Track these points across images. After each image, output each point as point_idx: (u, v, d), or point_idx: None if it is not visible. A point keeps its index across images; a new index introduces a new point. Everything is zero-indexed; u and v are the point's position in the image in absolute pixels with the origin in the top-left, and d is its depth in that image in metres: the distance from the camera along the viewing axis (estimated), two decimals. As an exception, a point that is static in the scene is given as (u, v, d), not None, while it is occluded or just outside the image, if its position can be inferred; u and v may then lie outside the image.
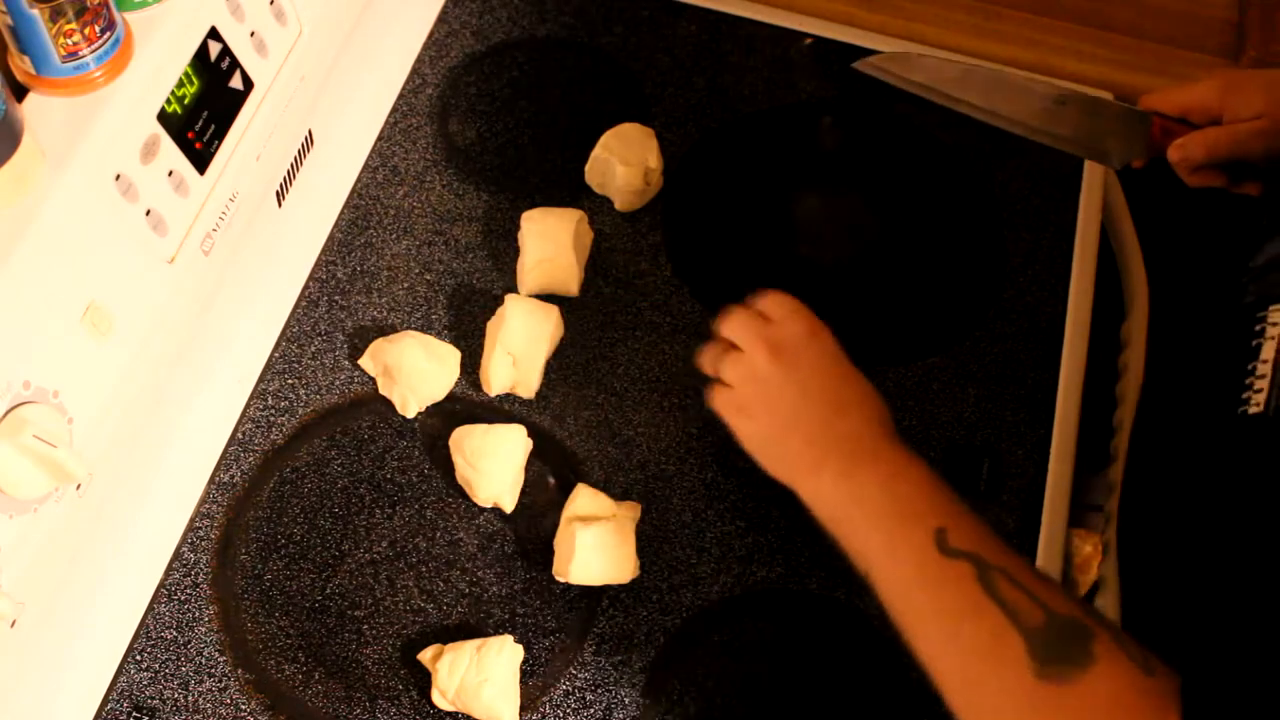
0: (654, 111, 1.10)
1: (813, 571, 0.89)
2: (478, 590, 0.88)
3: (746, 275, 1.02)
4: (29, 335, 0.71)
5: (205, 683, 0.84)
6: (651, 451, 0.93)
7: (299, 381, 0.96)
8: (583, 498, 0.88)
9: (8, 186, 0.71)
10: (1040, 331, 0.99)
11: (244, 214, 0.90)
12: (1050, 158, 1.09)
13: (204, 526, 0.89)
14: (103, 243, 0.76)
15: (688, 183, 1.06)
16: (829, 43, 1.14)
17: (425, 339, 0.94)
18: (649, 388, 0.96)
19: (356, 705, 0.84)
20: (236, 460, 0.92)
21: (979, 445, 0.94)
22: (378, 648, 0.86)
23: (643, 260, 1.02)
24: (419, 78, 1.11)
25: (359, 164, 1.06)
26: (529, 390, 0.95)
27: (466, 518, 0.90)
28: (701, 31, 1.15)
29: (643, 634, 0.86)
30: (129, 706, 0.83)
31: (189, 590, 0.87)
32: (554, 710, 0.84)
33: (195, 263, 0.84)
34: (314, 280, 1.00)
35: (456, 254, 1.02)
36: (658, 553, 0.89)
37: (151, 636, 0.85)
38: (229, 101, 0.86)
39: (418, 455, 0.93)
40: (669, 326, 0.99)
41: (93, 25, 0.75)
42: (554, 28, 1.15)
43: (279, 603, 0.87)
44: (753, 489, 0.92)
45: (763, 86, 1.12)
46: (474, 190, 1.05)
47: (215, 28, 0.84)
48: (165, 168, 0.81)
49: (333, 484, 0.91)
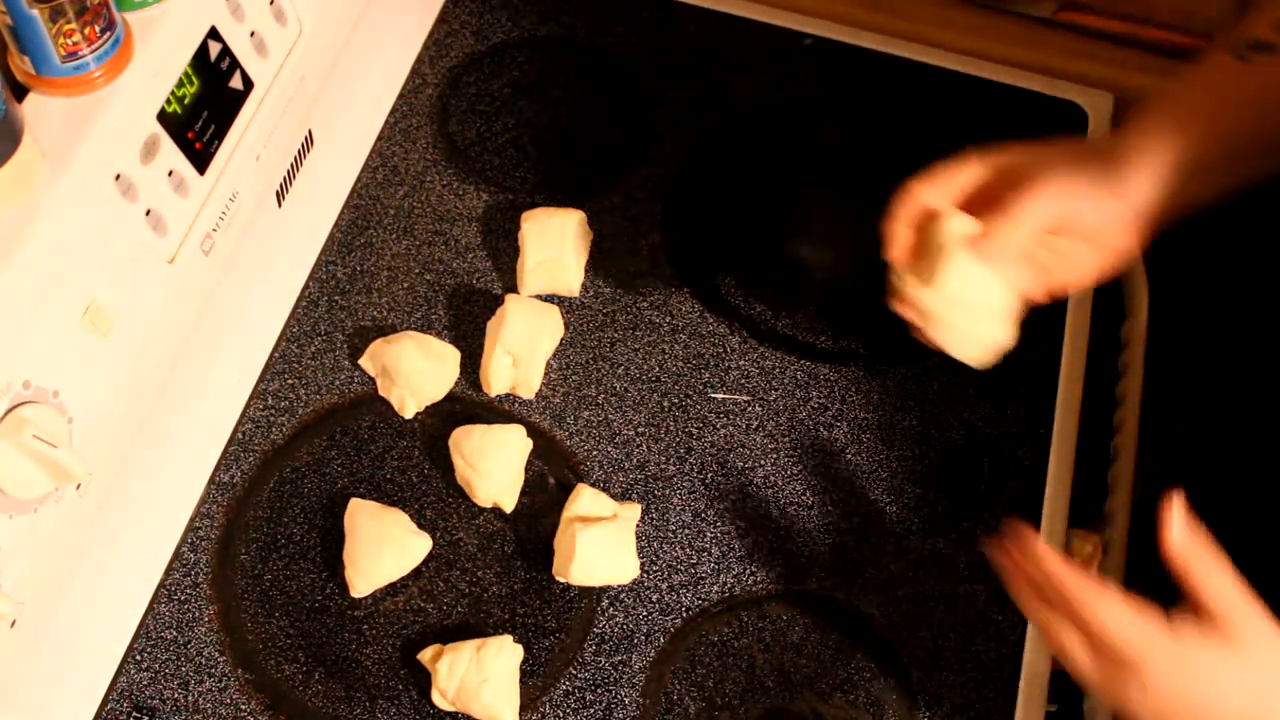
0: (654, 111, 1.10)
1: (813, 571, 0.89)
2: (478, 590, 0.88)
3: (747, 275, 1.02)
4: (29, 335, 0.71)
5: (205, 683, 0.84)
6: (651, 451, 0.93)
7: (299, 381, 0.96)
8: (583, 498, 0.88)
9: (8, 186, 0.71)
10: (1040, 332, 0.99)
11: (244, 214, 0.90)
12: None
13: (204, 526, 0.89)
14: (103, 243, 0.76)
15: (688, 183, 1.06)
16: (829, 43, 1.14)
17: (424, 339, 0.94)
18: (649, 388, 0.96)
19: (356, 705, 0.84)
20: (236, 460, 0.92)
21: (979, 445, 0.94)
22: (378, 648, 0.86)
23: (643, 260, 1.02)
24: (419, 78, 1.11)
25: (359, 164, 1.06)
26: (529, 390, 0.95)
27: (466, 518, 0.90)
28: (701, 31, 1.15)
29: (643, 634, 0.86)
30: (129, 706, 0.83)
31: (189, 590, 0.87)
32: (554, 710, 0.84)
33: (195, 263, 0.84)
34: (314, 280, 1.00)
35: (456, 254, 1.02)
36: (658, 553, 0.89)
37: (151, 636, 0.85)
38: (229, 101, 0.86)
39: (418, 455, 0.93)
40: (669, 326, 0.99)
41: (93, 25, 0.75)
42: (554, 28, 1.15)
43: (279, 603, 0.87)
44: (753, 489, 0.92)
45: (763, 86, 1.12)
46: (474, 190, 1.05)
47: (215, 28, 0.84)
48: (165, 168, 0.81)
49: (333, 484, 0.91)
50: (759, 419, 0.95)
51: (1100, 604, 0.63)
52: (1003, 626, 0.87)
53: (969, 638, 0.87)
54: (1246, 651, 0.62)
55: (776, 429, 0.94)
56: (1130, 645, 0.63)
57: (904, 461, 0.93)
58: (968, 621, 0.87)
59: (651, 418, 0.95)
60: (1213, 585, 0.63)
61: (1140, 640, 0.63)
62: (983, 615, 0.88)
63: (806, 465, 0.93)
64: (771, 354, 0.98)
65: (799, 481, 0.92)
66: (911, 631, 0.87)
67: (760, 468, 0.93)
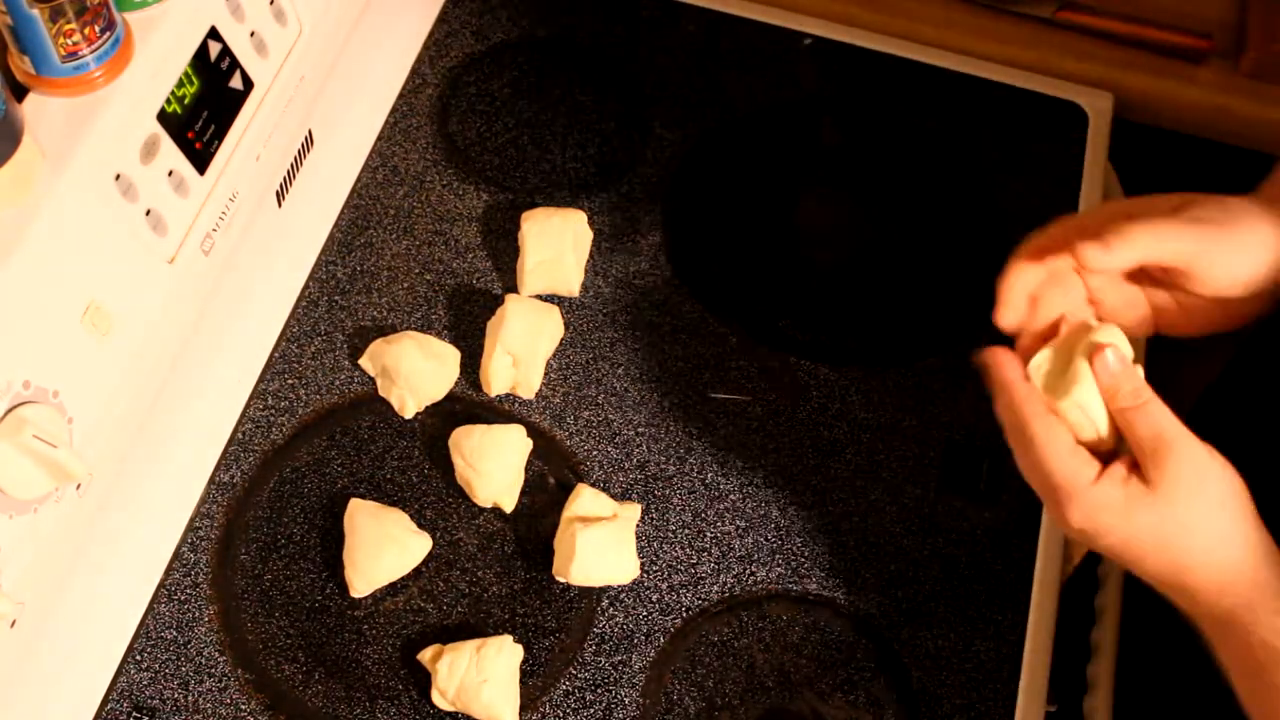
0: (654, 111, 1.10)
1: (812, 571, 0.89)
2: (478, 590, 0.88)
3: (747, 275, 1.02)
4: (29, 335, 0.71)
5: (205, 683, 0.84)
6: (651, 451, 0.93)
7: (299, 381, 0.96)
8: (583, 498, 0.88)
9: (8, 186, 0.71)
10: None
11: (244, 214, 0.90)
12: (1050, 158, 1.09)
13: (204, 526, 0.89)
14: (103, 243, 0.76)
15: (688, 183, 1.06)
16: (829, 43, 1.14)
17: (424, 339, 0.94)
18: (649, 388, 0.96)
19: (356, 705, 0.84)
20: (236, 460, 0.92)
21: (979, 445, 0.94)
22: (378, 648, 0.86)
23: (643, 260, 1.02)
24: (419, 78, 1.11)
25: (359, 164, 1.06)
26: (529, 390, 0.95)
27: (466, 518, 0.90)
28: (701, 31, 1.15)
29: (643, 634, 0.86)
30: (129, 706, 0.83)
31: (189, 590, 0.87)
32: (554, 710, 0.84)
33: (195, 263, 0.84)
34: (314, 280, 1.00)
35: (456, 254, 1.02)
36: (658, 553, 0.89)
37: (151, 636, 0.85)
38: (229, 101, 0.86)
39: (418, 455, 0.93)
40: (669, 326, 0.99)
41: (93, 25, 0.75)
42: (554, 28, 1.15)
43: (279, 603, 0.87)
44: (753, 489, 0.92)
45: (763, 86, 1.12)
46: (474, 190, 1.05)
47: (215, 28, 0.84)
48: (165, 168, 0.81)
49: (333, 484, 0.91)
50: (759, 419, 0.95)
51: (1042, 428, 0.67)
52: (1003, 626, 0.87)
53: (969, 638, 0.87)
54: (1168, 499, 0.65)
55: (776, 429, 0.94)
56: (1060, 476, 0.66)
57: (904, 461, 0.93)
58: (968, 621, 0.87)
59: (651, 418, 0.95)
60: (1144, 426, 0.66)
61: (1069, 474, 0.66)
62: (983, 615, 0.88)
63: (806, 465, 0.93)
64: (771, 354, 0.98)
65: (799, 481, 0.92)
66: (911, 631, 0.87)
67: (760, 468, 0.93)
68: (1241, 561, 0.65)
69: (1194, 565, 0.65)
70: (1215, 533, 0.65)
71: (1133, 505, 0.65)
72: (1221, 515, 0.65)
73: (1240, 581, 0.65)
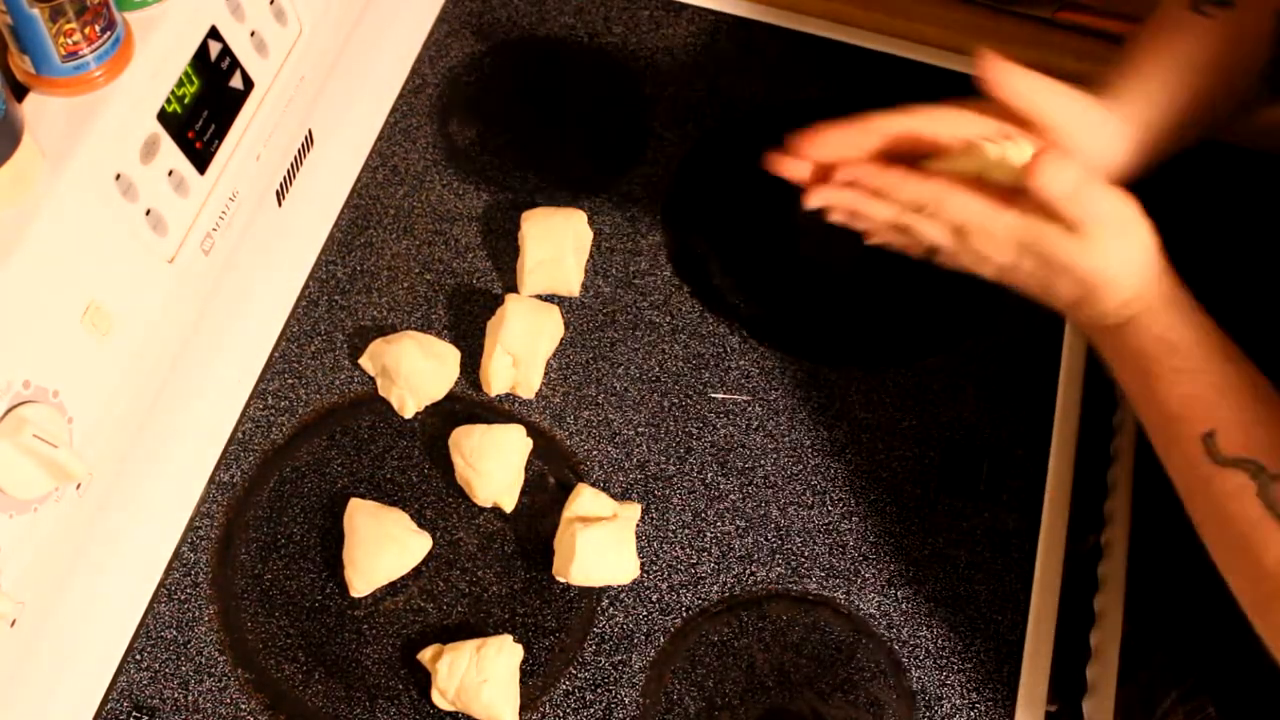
0: (654, 111, 1.10)
1: (812, 571, 0.89)
2: (478, 590, 0.88)
3: (747, 275, 1.02)
4: (29, 335, 0.71)
5: (205, 683, 0.84)
6: (651, 451, 0.93)
7: (299, 381, 0.96)
8: (583, 498, 0.88)
9: (8, 186, 0.71)
10: (1040, 331, 0.99)
11: (244, 214, 0.90)
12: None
13: (204, 526, 0.89)
14: (103, 243, 0.76)
15: (688, 183, 1.06)
16: (829, 43, 1.14)
17: (424, 338, 0.94)
18: (649, 388, 0.96)
19: (356, 705, 0.84)
20: (236, 460, 0.92)
21: (979, 445, 0.94)
22: (378, 647, 0.86)
23: (643, 260, 1.02)
24: (419, 78, 1.11)
25: (359, 164, 1.06)
26: (529, 390, 0.95)
27: (466, 518, 0.90)
28: (701, 31, 1.15)
29: (643, 634, 0.86)
30: (129, 706, 0.83)
31: (189, 590, 0.87)
32: (554, 710, 0.84)
33: (195, 262, 0.84)
34: (314, 280, 1.00)
35: (456, 254, 1.02)
36: (658, 553, 0.89)
37: (151, 636, 0.85)
38: (229, 101, 0.86)
39: (418, 455, 0.93)
40: (669, 326, 0.99)
41: (93, 25, 0.75)
42: (554, 28, 1.15)
43: (279, 603, 0.87)
44: (753, 489, 0.92)
45: (763, 86, 1.12)
46: (474, 190, 1.05)
47: (215, 27, 0.84)
48: (165, 167, 0.81)
49: (333, 484, 0.91)
50: (759, 419, 0.95)
51: (956, 197, 0.74)
52: (1003, 626, 0.87)
53: (969, 638, 0.87)
54: (1090, 240, 0.69)
55: (776, 429, 0.94)
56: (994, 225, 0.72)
57: (904, 461, 0.93)
58: (968, 621, 0.87)
59: (651, 418, 0.95)
60: (1061, 182, 0.68)
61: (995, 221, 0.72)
62: (983, 615, 0.88)
63: (806, 465, 0.93)
64: (771, 354, 0.98)
65: (799, 481, 0.92)
66: (911, 631, 0.87)
67: (760, 468, 0.93)
68: (1149, 279, 0.70)
69: (1106, 284, 0.70)
70: (1130, 261, 0.70)
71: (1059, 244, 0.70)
72: (1134, 246, 0.70)
73: (1146, 294, 0.70)
